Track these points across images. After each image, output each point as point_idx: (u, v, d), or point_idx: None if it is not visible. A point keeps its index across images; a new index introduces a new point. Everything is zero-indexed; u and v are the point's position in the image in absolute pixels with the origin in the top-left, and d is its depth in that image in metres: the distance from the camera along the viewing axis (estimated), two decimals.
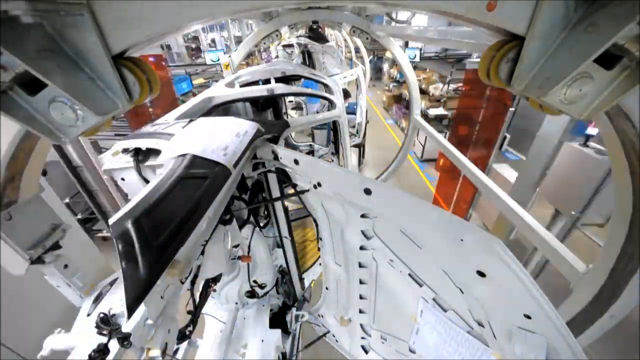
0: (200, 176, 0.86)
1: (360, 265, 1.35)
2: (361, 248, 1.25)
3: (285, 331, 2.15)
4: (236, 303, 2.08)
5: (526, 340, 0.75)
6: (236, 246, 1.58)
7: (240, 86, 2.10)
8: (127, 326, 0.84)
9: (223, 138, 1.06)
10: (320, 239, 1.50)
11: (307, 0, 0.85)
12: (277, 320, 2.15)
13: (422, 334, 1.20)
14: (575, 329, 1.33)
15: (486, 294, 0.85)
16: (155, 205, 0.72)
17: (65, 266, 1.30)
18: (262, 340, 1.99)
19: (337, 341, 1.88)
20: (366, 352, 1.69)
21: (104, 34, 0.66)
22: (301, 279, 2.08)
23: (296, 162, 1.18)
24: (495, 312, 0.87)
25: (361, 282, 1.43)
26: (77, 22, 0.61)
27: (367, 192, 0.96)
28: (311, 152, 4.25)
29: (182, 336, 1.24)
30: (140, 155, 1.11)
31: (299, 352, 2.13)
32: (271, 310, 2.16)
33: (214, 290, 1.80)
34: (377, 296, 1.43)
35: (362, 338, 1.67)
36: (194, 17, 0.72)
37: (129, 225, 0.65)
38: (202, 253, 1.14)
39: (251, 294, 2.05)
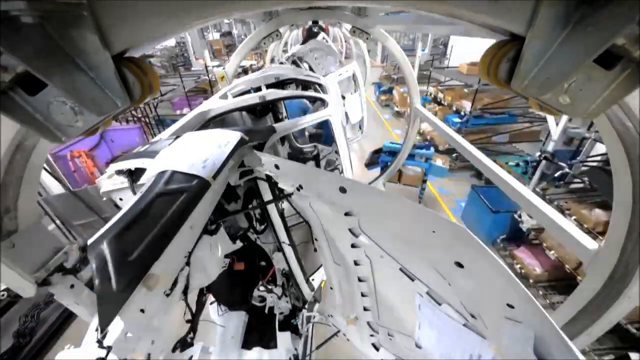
0: (177, 191, 0.90)
1: (356, 263, 1.35)
2: (352, 246, 1.25)
3: (297, 333, 2.15)
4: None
5: (513, 331, 0.74)
6: (227, 256, 1.61)
7: (235, 96, 2.11)
8: (108, 339, 0.84)
9: (204, 151, 1.10)
10: (316, 239, 1.50)
11: (307, 0, 0.85)
12: (288, 322, 2.15)
13: (423, 329, 1.20)
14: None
15: (469, 285, 0.86)
16: (130, 223, 0.76)
17: (72, 286, 1.33)
18: (272, 343, 2.01)
19: (348, 340, 1.88)
20: (377, 349, 1.69)
21: (104, 34, 0.66)
22: (308, 281, 2.07)
23: (277, 167, 1.21)
24: (481, 303, 0.88)
25: (360, 280, 1.43)
26: (77, 22, 0.61)
27: (342, 190, 0.98)
28: (318, 154, 4.24)
29: (184, 343, 1.26)
30: (134, 175, 1.15)
31: (312, 353, 2.12)
32: (281, 313, 2.16)
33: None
34: (377, 293, 1.43)
35: (371, 336, 1.67)
36: (196, 18, 0.72)
37: (104, 244, 0.69)
38: (188, 264, 1.17)
39: (262, 299, 2.06)
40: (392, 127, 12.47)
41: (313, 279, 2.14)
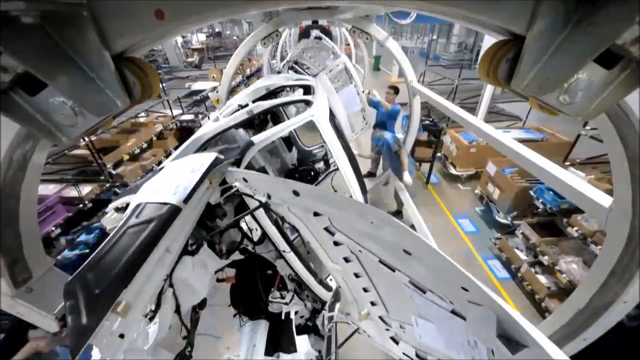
0: (145, 221, 0.95)
1: (346, 260, 1.36)
2: (335, 244, 1.26)
3: (319, 334, 2.19)
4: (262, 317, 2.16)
5: (476, 314, 0.73)
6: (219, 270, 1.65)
7: (226, 116, 2.14)
8: None
9: (177, 177, 1.16)
10: (308, 242, 1.51)
11: (306, 0, 0.86)
12: (307, 325, 2.18)
13: (420, 322, 1.20)
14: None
15: (425, 271, 0.88)
16: (100, 258, 0.83)
17: None
18: (292, 348, 2.05)
19: (369, 336, 1.89)
20: (397, 343, 1.70)
21: (104, 34, 0.66)
22: (322, 282, 2.08)
23: (245, 180, 1.26)
24: (445, 288, 0.88)
25: (357, 276, 1.44)
26: (77, 22, 0.61)
27: (296, 193, 1.03)
28: (326, 154, 4.24)
29: (183, 357, 1.34)
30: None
31: (336, 352, 2.15)
32: (302, 317, 2.19)
33: None
34: (376, 287, 1.44)
35: (387, 330, 1.68)
36: (195, 19, 0.72)
37: (74, 281, 0.76)
38: (171, 285, 1.23)
39: (278, 305, 2.09)
40: (447, 205, 6.24)
41: (331, 279, 2.14)
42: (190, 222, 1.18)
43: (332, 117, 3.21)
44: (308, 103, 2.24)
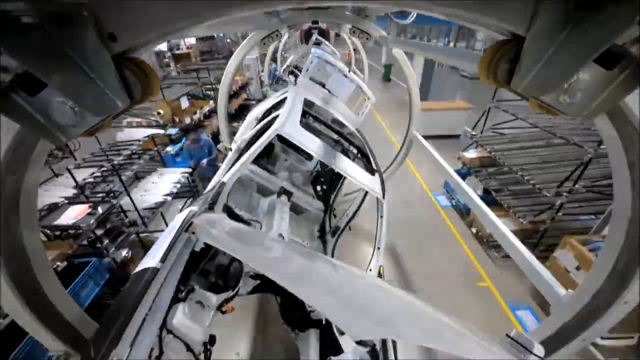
0: (129, 287, 1.13)
1: None
2: None
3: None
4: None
5: None
6: (226, 300, 1.68)
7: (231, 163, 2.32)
8: None
9: (160, 241, 1.33)
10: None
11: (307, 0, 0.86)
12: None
13: None
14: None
15: None
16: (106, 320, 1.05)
17: None
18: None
19: None
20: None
21: (105, 34, 0.66)
22: None
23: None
24: None
25: None
26: (77, 22, 0.61)
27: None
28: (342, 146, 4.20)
29: None
30: None
31: (394, 344, 2.19)
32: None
33: None
34: None
35: None
36: (195, 19, 0.72)
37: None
38: (170, 332, 1.28)
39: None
40: None
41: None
42: (174, 275, 1.27)
43: (329, 115, 3.21)
44: (275, 118, 2.29)
